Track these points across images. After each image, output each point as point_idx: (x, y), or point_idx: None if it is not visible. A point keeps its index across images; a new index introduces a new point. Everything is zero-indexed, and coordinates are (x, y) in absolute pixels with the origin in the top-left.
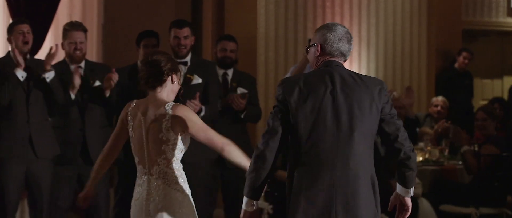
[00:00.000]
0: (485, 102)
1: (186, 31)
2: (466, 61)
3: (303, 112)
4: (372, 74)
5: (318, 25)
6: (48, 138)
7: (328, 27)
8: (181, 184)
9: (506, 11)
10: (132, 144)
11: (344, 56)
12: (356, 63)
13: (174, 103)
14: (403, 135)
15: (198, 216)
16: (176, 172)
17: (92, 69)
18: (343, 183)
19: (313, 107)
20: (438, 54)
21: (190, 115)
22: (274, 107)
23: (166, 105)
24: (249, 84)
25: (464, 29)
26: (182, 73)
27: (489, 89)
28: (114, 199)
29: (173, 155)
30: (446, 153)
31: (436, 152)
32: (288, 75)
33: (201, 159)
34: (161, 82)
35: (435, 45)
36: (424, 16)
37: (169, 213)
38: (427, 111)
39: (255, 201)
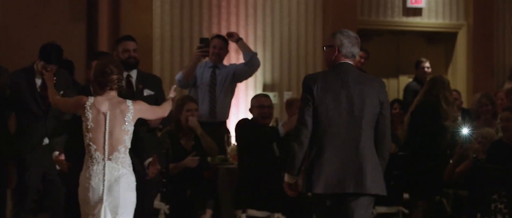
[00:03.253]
0: None
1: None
2: (363, 60)
3: (324, 102)
4: (268, 75)
5: (214, 24)
6: None
7: (343, 33)
8: (131, 166)
9: (402, 10)
10: (89, 133)
11: (354, 57)
12: None
13: (132, 100)
14: (389, 125)
15: None
16: (127, 157)
17: None
18: (353, 159)
19: (332, 99)
20: None
21: (144, 105)
22: (302, 99)
23: (127, 102)
24: (155, 85)
25: (359, 28)
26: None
27: None
28: (12, 199)
29: (129, 143)
30: None
31: None
32: (178, 76)
33: None
34: (117, 86)
35: None
36: (319, 16)
37: (127, 189)
38: None
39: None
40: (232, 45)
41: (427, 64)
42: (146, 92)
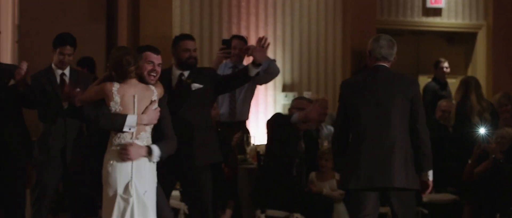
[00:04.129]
0: None
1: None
2: None
3: (354, 105)
4: (288, 75)
5: (233, 25)
6: None
7: (374, 39)
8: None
9: (422, 11)
10: None
11: (386, 59)
12: None
13: (154, 85)
14: (422, 120)
15: None
16: (150, 137)
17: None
18: (382, 156)
19: (361, 101)
20: (353, 54)
21: (162, 92)
22: (338, 104)
23: (150, 87)
24: (208, 77)
25: (379, 28)
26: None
27: None
28: (31, 198)
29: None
30: None
31: None
32: None
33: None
34: (133, 76)
35: (350, 45)
36: (339, 16)
37: (150, 167)
38: None
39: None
40: (252, 44)
41: (445, 64)
42: (194, 86)
